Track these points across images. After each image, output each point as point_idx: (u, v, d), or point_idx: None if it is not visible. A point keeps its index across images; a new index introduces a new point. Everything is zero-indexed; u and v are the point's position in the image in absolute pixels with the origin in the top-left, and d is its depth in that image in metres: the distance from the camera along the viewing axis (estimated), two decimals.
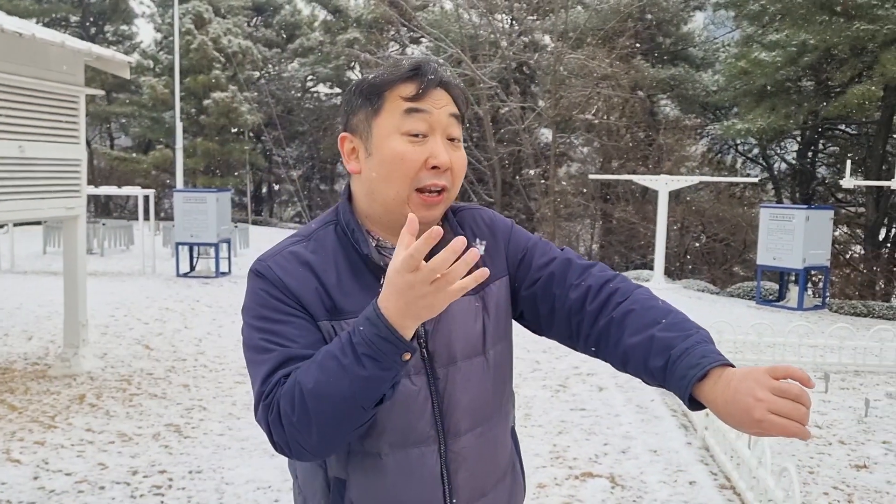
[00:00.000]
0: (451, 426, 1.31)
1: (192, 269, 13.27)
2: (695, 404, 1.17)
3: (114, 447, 4.83)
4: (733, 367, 1.15)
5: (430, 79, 1.28)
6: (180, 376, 6.59)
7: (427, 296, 1.08)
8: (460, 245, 1.06)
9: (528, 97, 24.72)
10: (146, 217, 14.60)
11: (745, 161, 24.94)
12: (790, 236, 11.18)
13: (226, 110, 25.88)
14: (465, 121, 1.38)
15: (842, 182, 11.47)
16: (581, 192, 22.91)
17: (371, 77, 1.32)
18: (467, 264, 1.07)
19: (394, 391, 1.19)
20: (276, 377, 1.20)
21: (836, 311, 11.54)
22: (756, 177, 21.98)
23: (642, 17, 22.83)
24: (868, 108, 16.53)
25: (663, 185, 13.64)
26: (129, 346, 7.66)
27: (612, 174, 19.95)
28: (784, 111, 17.47)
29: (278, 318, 1.25)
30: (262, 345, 1.24)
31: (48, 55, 5.94)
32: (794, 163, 22.53)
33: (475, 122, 24.20)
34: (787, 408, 1.05)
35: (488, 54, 23.51)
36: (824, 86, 18.30)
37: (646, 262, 20.24)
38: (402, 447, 1.29)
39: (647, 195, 20.62)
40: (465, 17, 23.80)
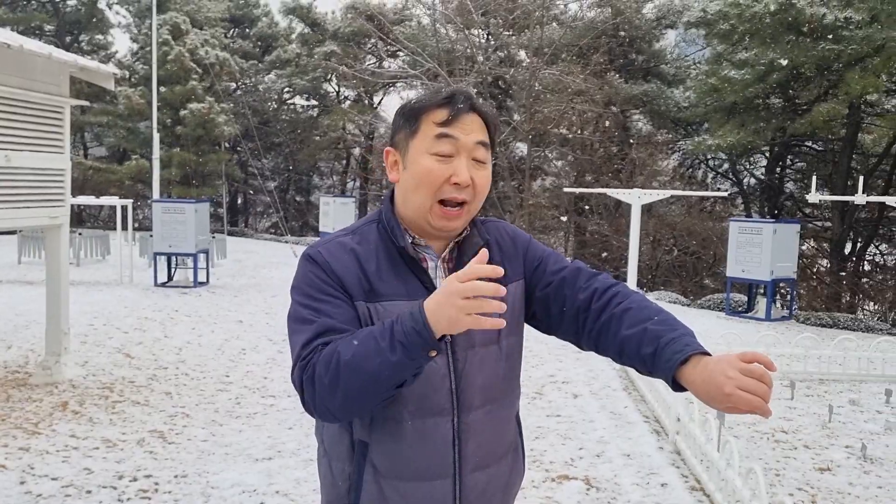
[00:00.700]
0: (465, 401, 1.49)
1: (170, 279, 13.27)
2: (677, 387, 1.37)
3: (99, 453, 4.89)
4: (710, 355, 1.36)
5: (460, 107, 1.50)
6: (162, 384, 6.65)
7: (456, 308, 1.25)
8: (490, 270, 1.26)
9: (503, 111, 25.01)
10: (123, 227, 14.55)
11: (715, 176, 25.41)
12: (758, 249, 11.49)
13: (202, 121, 25.82)
14: (495, 145, 1.59)
15: (808, 197, 11.81)
16: (555, 205, 23.19)
17: (413, 101, 1.55)
18: (494, 306, 1.26)
19: (415, 379, 1.36)
20: (315, 343, 1.39)
21: (802, 322, 11.85)
22: (726, 191, 22.41)
23: (616, 34, 23.25)
24: (833, 125, 17.01)
25: (636, 198, 13.89)
26: (110, 355, 7.69)
27: (586, 188, 20.23)
28: (753, 127, 17.90)
29: (321, 298, 1.45)
30: (305, 316, 1.44)
31: (34, 66, 6.02)
32: (762, 178, 23.02)
33: None
34: (752, 385, 1.25)
35: (465, 68, 23.77)
36: (792, 103, 18.78)
37: (619, 274, 20.50)
38: (420, 416, 1.47)
39: (620, 209, 20.95)
40: (441, 31, 24.06)
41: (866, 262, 20.58)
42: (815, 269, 20.28)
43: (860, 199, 10.22)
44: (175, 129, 26.35)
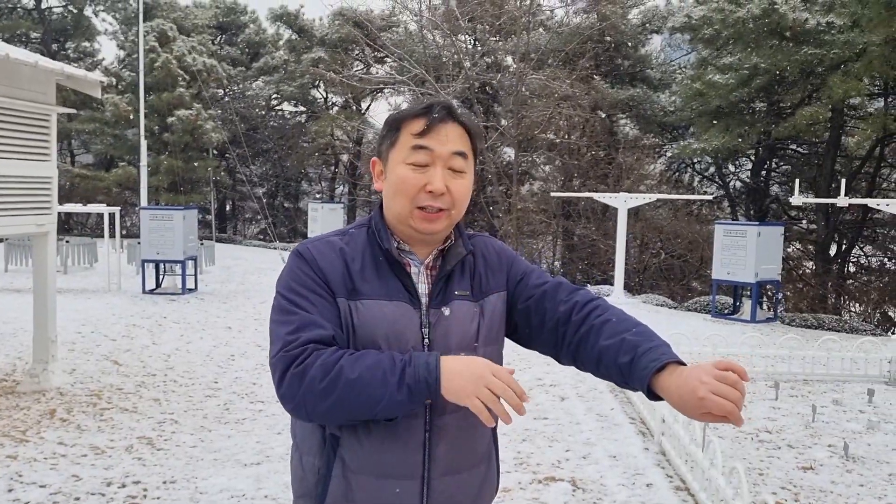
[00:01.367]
0: (439, 404, 1.51)
1: (159, 286, 13.25)
2: (652, 395, 1.41)
3: (87, 460, 4.89)
4: (685, 365, 1.41)
5: (436, 117, 1.54)
6: (150, 391, 6.66)
7: (475, 389, 1.37)
8: (521, 393, 1.39)
9: (490, 117, 25.10)
10: (111, 234, 14.52)
11: (701, 179, 25.59)
12: (743, 252, 11.61)
13: (190, 128, 25.78)
14: (477, 154, 1.64)
15: (791, 200, 11.95)
16: (543, 209, 23.28)
17: (396, 112, 1.63)
18: (502, 412, 1.39)
19: (400, 417, 1.46)
20: (300, 338, 1.44)
21: (787, 324, 11.97)
22: (712, 195, 22.59)
23: (601, 39, 23.39)
24: (817, 128, 17.19)
25: (622, 202, 14.02)
26: (98, 362, 7.68)
27: (574, 192, 20.33)
28: (738, 131, 18.06)
29: (305, 293, 1.51)
30: (288, 307, 1.50)
31: (20, 74, 6.03)
32: (748, 181, 23.20)
33: None
34: (725, 390, 1.29)
35: (452, 74, 23.85)
36: (776, 107, 18.97)
37: (606, 277, 20.61)
38: None
39: (608, 212, 21.06)
40: (428, 37, 24.13)
41: (851, 264, 20.78)
42: (800, 272, 20.45)
43: (842, 201, 10.35)
44: (162, 135, 26.30)
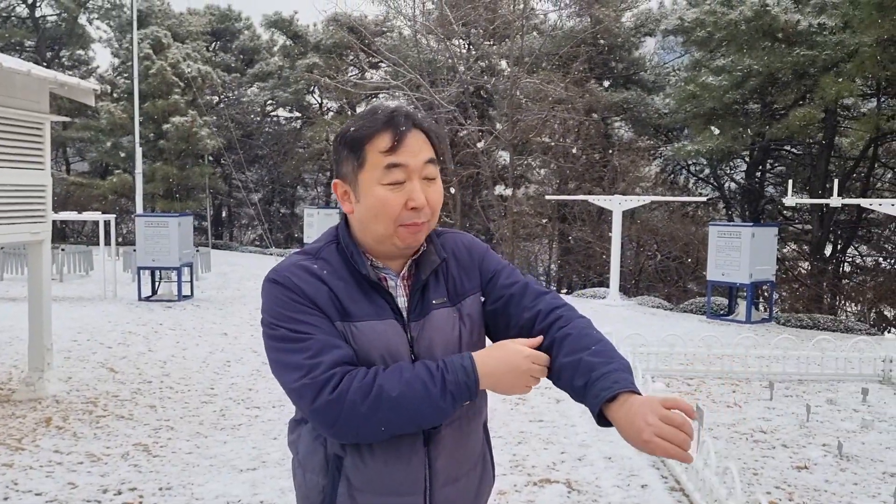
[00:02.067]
0: None
1: (154, 293, 13.24)
2: (603, 421, 1.39)
3: (83, 467, 4.89)
4: (639, 394, 1.36)
5: (402, 130, 1.47)
6: (146, 398, 6.66)
7: (520, 377, 1.44)
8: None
9: (485, 120, 25.14)
10: (107, 242, 14.52)
11: (696, 181, 25.66)
12: (737, 253, 11.64)
13: (185, 135, 25.79)
14: (440, 154, 1.59)
15: (785, 200, 12.00)
16: (539, 212, 23.31)
17: (352, 129, 1.51)
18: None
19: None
20: (326, 361, 1.40)
21: (783, 324, 12.00)
22: (706, 196, 22.64)
23: (595, 42, 23.47)
24: (811, 129, 17.26)
25: (617, 204, 14.07)
26: (94, 370, 7.68)
27: (569, 195, 20.38)
28: (731, 133, 18.12)
29: (299, 317, 1.45)
30: (291, 335, 1.44)
31: (14, 83, 6.04)
32: (742, 182, 23.26)
33: None
34: (670, 433, 1.26)
35: (446, 79, 23.90)
36: (769, 108, 19.04)
37: (602, 280, 20.66)
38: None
39: (603, 215, 21.10)
40: (423, 42, 24.18)
41: (846, 264, 20.84)
42: (796, 272, 20.50)
43: (836, 201, 10.39)
44: (158, 143, 26.31)
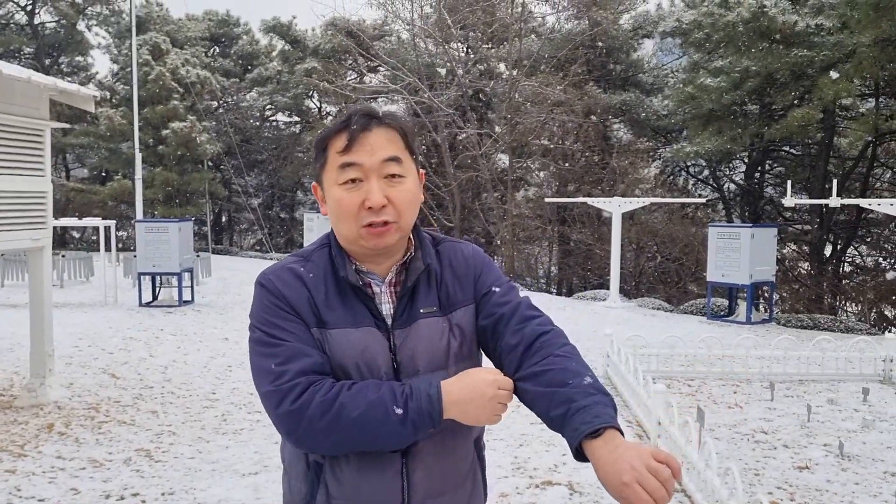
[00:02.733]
0: None
1: (155, 298, 13.25)
2: (580, 456, 1.32)
3: (85, 473, 4.90)
4: (622, 432, 1.32)
5: (354, 129, 1.46)
6: (148, 403, 6.67)
7: (487, 405, 1.41)
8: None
9: (484, 124, 25.18)
10: (107, 248, 14.53)
11: (696, 182, 25.68)
12: (737, 254, 11.65)
13: (184, 140, 25.81)
14: (413, 152, 1.54)
15: (784, 201, 12.01)
16: (538, 215, 23.33)
17: (321, 131, 1.54)
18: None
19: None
20: (292, 370, 1.41)
21: (783, 325, 12.00)
22: (706, 197, 22.66)
23: (593, 45, 23.52)
24: (809, 129, 17.29)
25: (616, 207, 14.08)
26: (95, 376, 7.69)
27: (568, 197, 20.40)
28: (730, 134, 18.15)
29: (280, 323, 1.46)
30: (267, 340, 1.45)
31: (13, 90, 6.06)
32: (741, 183, 23.29)
33: (433, 148, 24.54)
34: (652, 485, 1.21)
35: (445, 82, 23.94)
36: (768, 109, 19.07)
37: (603, 282, 20.68)
38: None
39: (603, 217, 21.13)
40: (421, 46, 24.22)
41: (846, 264, 20.85)
42: (796, 272, 20.51)
43: (835, 201, 10.41)
44: (157, 148, 26.33)
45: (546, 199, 20.99)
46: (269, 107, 31.97)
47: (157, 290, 13.35)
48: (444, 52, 24.09)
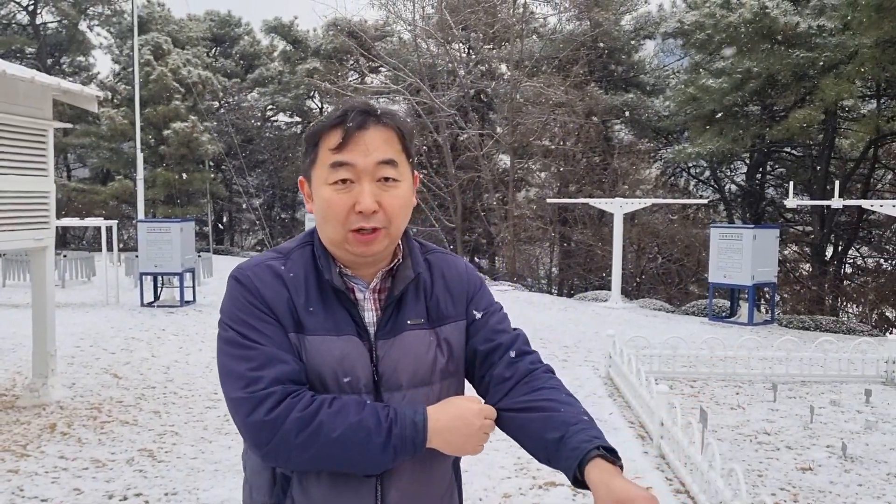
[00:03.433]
0: None
1: (157, 298, 13.26)
2: (576, 478, 1.27)
3: (88, 473, 4.90)
4: (620, 465, 1.27)
5: (350, 126, 1.35)
6: (150, 403, 6.67)
7: (473, 435, 1.35)
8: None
9: (486, 124, 25.19)
10: (109, 248, 14.54)
11: (697, 183, 25.68)
12: (739, 255, 11.65)
13: (186, 140, 25.84)
14: (410, 154, 1.44)
15: (786, 202, 12.01)
16: (539, 216, 23.35)
17: (313, 124, 1.44)
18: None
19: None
20: (267, 377, 1.31)
21: (785, 326, 12.00)
22: (707, 198, 22.66)
23: (595, 45, 23.52)
24: (811, 130, 17.29)
25: (618, 207, 14.09)
26: (98, 376, 7.69)
27: (570, 198, 20.41)
28: (732, 135, 18.15)
29: (255, 323, 1.36)
30: (240, 341, 1.35)
31: (17, 90, 6.06)
32: (743, 184, 23.29)
33: (435, 149, 24.55)
34: None
35: (446, 83, 23.96)
36: (769, 110, 19.07)
37: (604, 282, 20.67)
38: None
39: (604, 218, 21.13)
40: (423, 46, 24.23)
41: (847, 265, 20.85)
42: (797, 273, 20.50)
43: (837, 202, 10.40)
44: (159, 148, 26.36)
45: (547, 200, 20.99)
46: (270, 107, 32.00)
47: (159, 290, 13.35)
48: (446, 52, 24.11)
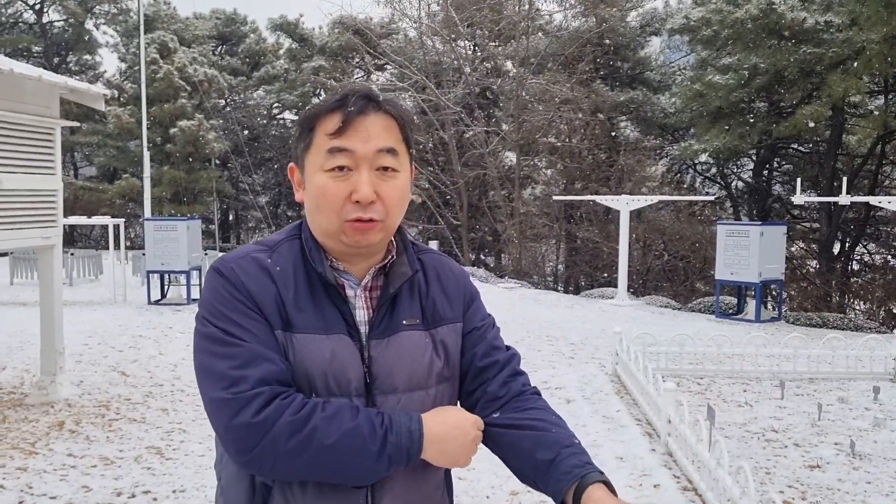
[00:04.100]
0: None
1: (164, 296, 13.29)
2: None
3: (96, 470, 4.92)
4: (614, 492, 1.25)
5: (351, 111, 1.29)
6: (158, 401, 6.69)
7: (467, 446, 1.31)
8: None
9: (491, 121, 25.18)
10: (116, 246, 14.58)
11: (703, 180, 25.62)
12: (746, 252, 11.61)
13: (192, 138, 25.88)
14: (410, 145, 1.39)
15: (793, 199, 11.97)
16: (546, 213, 23.32)
17: (309, 107, 1.37)
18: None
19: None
20: (252, 377, 1.23)
21: (792, 323, 11.97)
22: (713, 195, 22.60)
23: (601, 42, 23.47)
24: (818, 127, 17.22)
25: (624, 204, 14.06)
26: (105, 374, 7.72)
27: (576, 195, 20.38)
28: (738, 131, 18.09)
29: (238, 318, 1.27)
30: (222, 337, 1.26)
31: (24, 89, 6.08)
32: (750, 181, 23.22)
33: (440, 146, 24.54)
34: None
35: (452, 80, 23.94)
36: (776, 106, 19.00)
37: (610, 280, 20.63)
38: None
39: (610, 215, 21.08)
40: (428, 44, 24.22)
41: (855, 262, 20.78)
42: (804, 270, 20.44)
43: (844, 199, 10.37)
44: (165, 146, 26.41)
45: (553, 197, 20.96)
46: (276, 105, 32.02)
47: (166, 287, 13.39)
48: (451, 49, 24.09)
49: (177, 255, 12.63)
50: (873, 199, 11.20)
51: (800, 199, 11.35)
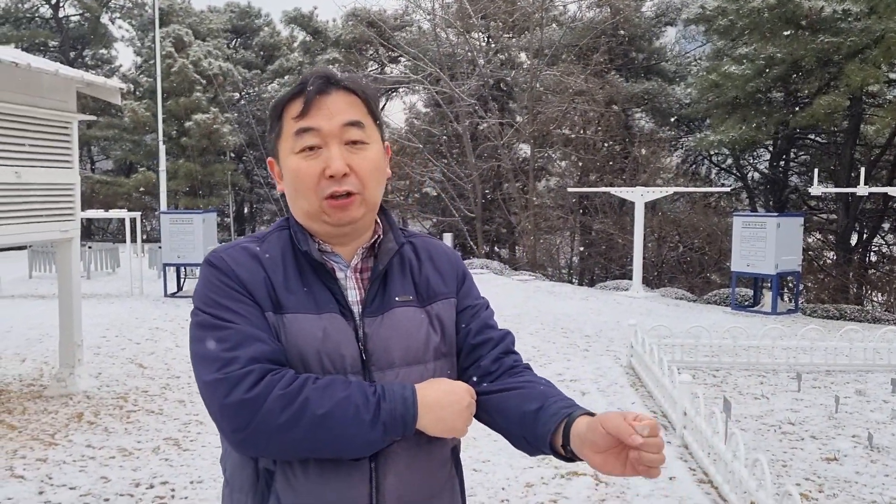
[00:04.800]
0: None
1: (180, 289, 13.38)
2: (558, 453, 1.27)
3: (115, 461, 4.97)
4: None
5: (310, 90, 1.32)
6: (175, 393, 6.74)
7: (462, 413, 1.30)
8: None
9: (505, 113, 25.09)
10: (133, 239, 14.70)
11: (719, 171, 25.44)
12: (763, 243, 11.52)
13: (207, 132, 26.01)
14: (377, 118, 1.41)
15: (811, 190, 11.85)
16: (560, 205, 23.26)
17: (276, 99, 1.41)
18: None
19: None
20: (243, 356, 1.24)
21: (809, 315, 11.87)
22: (729, 186, 22.44)
23: (615, 33, 23.33)
24: (836, 117, 17.04)
25: (639, 196, 13.99)
26: (123, 366, 7.79)
27: (590, 187, 20.31)
28: (755, 122, 17.95)
29: (229, 304, 1.29)
30: (213, 322, 1.28)
31: (41, 83, 6.13)
32: (766, 172, 23.04)
33: (455, 138, 24.51)
34: (656, 444, 1.15)
35: (466, 72, 23.88)
36: (793, 97, 18.83)
37: (625, 272, 20.58)
38: None
39: (625, 207, 21.00)
40: (442, 36, 24.16)
41: (872, 253, 20.59)
42: (821, 262, 20.28)
43: (862, 190, 10.26)
44: (180, 140, 26.56)
45: (568, 189, 20.89)
46: None
47: (182, 280, 13.48)
48: (465, 41, 24.03)
49: (193, 247, 12.71)
50: (891, 190, 11.07)
51: (817, 190, 11.24)
